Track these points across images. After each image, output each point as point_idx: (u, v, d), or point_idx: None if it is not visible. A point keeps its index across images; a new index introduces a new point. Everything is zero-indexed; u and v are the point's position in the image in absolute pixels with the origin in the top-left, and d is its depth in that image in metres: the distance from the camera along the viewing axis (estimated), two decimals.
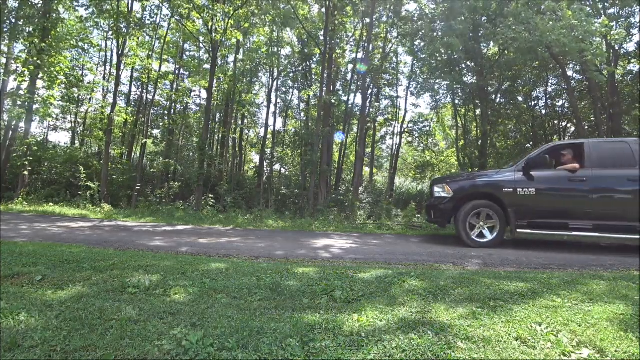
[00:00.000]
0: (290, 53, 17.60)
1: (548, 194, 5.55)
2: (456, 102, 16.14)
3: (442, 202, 5.94)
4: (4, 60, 10.74)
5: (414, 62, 16.69)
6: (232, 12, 11.19)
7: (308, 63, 17.18)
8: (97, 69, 17.47)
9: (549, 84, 15.63)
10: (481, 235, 5.74)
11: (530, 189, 5.51)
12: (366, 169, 18.95)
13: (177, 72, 17.69)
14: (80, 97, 16.17)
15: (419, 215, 9.89)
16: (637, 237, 5.21)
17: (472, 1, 10.57)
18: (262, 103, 19.10)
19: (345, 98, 16.67)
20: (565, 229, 5.42)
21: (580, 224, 5.37)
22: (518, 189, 5.55)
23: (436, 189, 6.18)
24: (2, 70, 10.62)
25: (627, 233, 5.26)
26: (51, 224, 6.34)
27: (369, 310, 2.34)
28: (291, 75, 18.13)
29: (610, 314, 2.40)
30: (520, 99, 15.85)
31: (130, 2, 12.16)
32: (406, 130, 18.69)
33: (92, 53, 16.61)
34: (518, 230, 5.53)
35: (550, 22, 8.00)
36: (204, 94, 17.48)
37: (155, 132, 18.16)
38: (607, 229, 5.30)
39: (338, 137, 16.94)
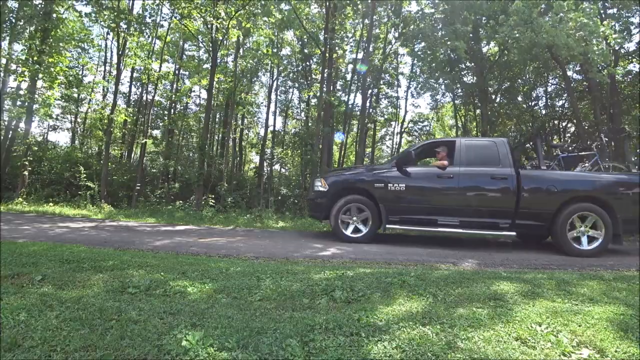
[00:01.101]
0: (290, 53, 17.61)
1: (417, 190, 5.58)
2: (456, 102, 16.14)
3: (318, 197, 5.93)
4: (3, 61, 10.73)
5: (414, 61, 16.69)
6: (234, 13, 11.19)
7: (308, 63, 17.18)
8: (97, 69, 17.48)
9: (549, 84, 15.63)
10: (357, 230, 5.73)
11: (400, 185, 5.54)
12: None
13: (177, 72, 17.69)
14: (80, 97, 16.17)
15: None
16: (503, 233, 5.34)
17: (473, 0, 10.54)
18: (262, 103, 19.12)
19: (345, 98, 16.67)
20: (434, 225, 5.46)
21: (448, 220, 5.42)
22: (389, 185, 5.57)
23: (316, 182, 6.15)
24: (2, 70, 10.61)
25: (492, 230, 5.36)
26: (53, 224, 6.34)
27: (369, 310, 2.34)
28: (291, 75, 18.13)
29: (610, 314, 2.40)
30: (520, 99, 15.85)
31: (130, 2, 12.17)
32: (406, 130, 18.70)
33: (92, 53, 16.63)
34: (387, 225, 5.53)
35: (556, 24, 7.95)
36: (204, 94, 17.50)
37: (155, 132, 18.17)
38: (473, 225, 5.38)
39: (338, 137, 16.94)
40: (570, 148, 7.68)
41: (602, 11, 10.83)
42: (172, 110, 17.82)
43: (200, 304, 2.38)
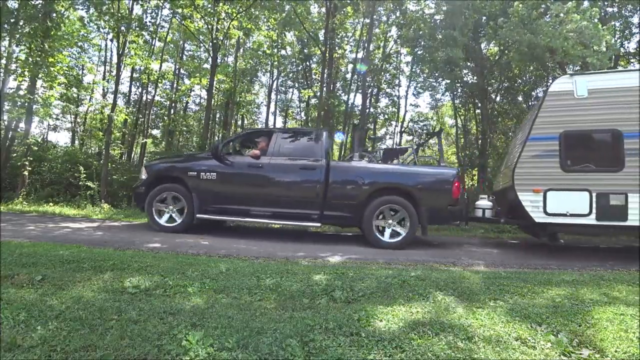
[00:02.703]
0: (290, 53, 17.61)
1: (228, 180, 5.49)
2: (456, 102, 16.13)
3: (139, 186, 5.85)
4: (4, 61, 10.73)
5: (414, 60, 16.68)
6: (235, 15, 11.19)
7: (308, 63, 17.18)
8: (96, 69, 17.48)
9: (549, 84, 15.59)
10: (173, 220, 5.62)
11: (212, 174, 5.45)
12: None
13: (177, 71, 17.70)
14: (80, 97, 16.17)
15: None
16: (310, 224, 5.37)
17: (473, 0, 10.53)
18: (262, 103, 19.12)
19: (345, 98, 16.67)
20: (247, 215, 5.41)
21: (260, 210, 5.37)
22: (202, 174, 5.46)
23: (142, 171, 6.07)
24: (2, 70, 10.61)
25: (305, 221, 5.34)
26: (54, 224, 6.34)
27: (369, 310, 2.34)
28: (291, 75, 18.12)
29: (610, 314, 2.40)
30: (520, 98, 15.83)
31: (130, 3, 12.16)
32: (406, 129, 18.69)
33: (91, 53, 16.62)
34: (197, 215, 5.43)
35: (557, 25, 7.92)
36: (204, 94, 17.50)
37: (155, 132, 18.16)
38: (285, 216, 5.36)
39: (338, 137, 16.93)
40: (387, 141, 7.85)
41: (602, 11, 10.82)
42: (172, 110, 17.82)
43: (200, 304, 2.38)
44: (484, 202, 5.88)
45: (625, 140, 4.66)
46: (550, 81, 6.53)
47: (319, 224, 5.40)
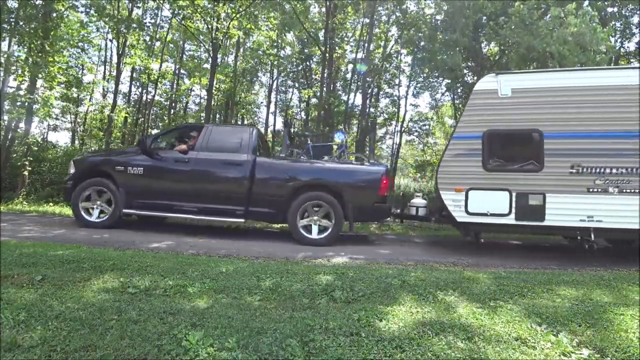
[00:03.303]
0: (290, 53, 17.61)
1: (154, 174, 5.42)
2: (456, 102, 16.12)
3: (67, 180, 5.77)
4: (3, 58, 10.72)
5: (414, 61, 16.68)
6: (235, 15, 11.20)
7: (308, 63, 17.16)
8: (96, 69, 17.47)
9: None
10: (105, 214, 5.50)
11: (139, 168, 5.39)
12: None
13: (177, 71, 17.69)
14: (80, 97, 16.17)
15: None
16: (234, 220, 5.37)
17: (474, 0, 10.51)
18: (262, 103, 19.12)
19: (345, 98, 16.66)
20: (172, 210, 5.37)
21: (185, 206, 5.33)
22: (129, 168, 5.40)
23: (71, 164, 5.94)
24: (2, 70, 10.61)
25: (230, 217, 5.33)
26: (55, 224, 6.34)
27: (369, 310, 2.34)
28: (291, 75, 18.12)
29: (611, 314, 2.40)
30: None
31: (130, 5, 12.17)
32: (405, 129, 18.68)
33: (91, 53, 16.59)
34: (124, 210, 5.37)
35: (557, 27, 7.91)
36: (204, 94, 17.50)
37: (155, 132, 18.15)
38: (210, 212, 5.32)
39: (338, 137, 16.92)
40: (317, 137, 7.84)
41: (602, 11, 10.81)
42: (172, 110, 17.82)
43: (200, 304, 2.39)
44: (417, 201, 5.93)
45: (546, 141, 4.64)
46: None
47: (243, 220, 5.35)
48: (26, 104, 10.74)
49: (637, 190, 4.43)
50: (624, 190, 4.47)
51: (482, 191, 4.78)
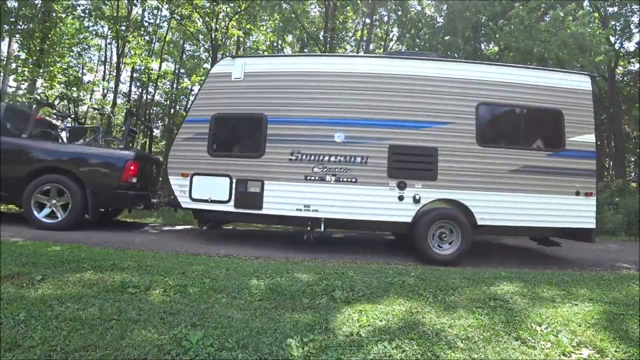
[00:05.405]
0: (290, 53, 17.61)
1: None
2: None
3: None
4: (3, 57, 10.73)
5: None
6: (234, 15, 11.20)
7: None
8: (96, 69, 17.47)
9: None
10: None
11: None
12: None
13: (177, 71, 17.70)
14: (80, 96, 16.16)
15: None
16: None
17: (474, 0, 10.51)
18: None
19: None
20: None
21: None
22: None
23: None
24: (2, 70, 10.61)
25: None
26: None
27: (369, 310, 2.34)
28: None
29: (611, 314, 2.40)
30: None
31: (129, 6, 12.16)
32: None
33: (91, 52, 16.60)
34: None
35: (556, 29, 7.90)
36: None
37: (155, 132, 18.15)
38: None
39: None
40: (70, 119, 7.58)
41: (602, 12, 10.80)
42: (172, 110, 17.82)
43: (200, 304, 2.38)
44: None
45: (269, 126, 4.59)
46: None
47: None
48: (26, 103, 10.75)
49: (354, 180, 4.41)
50: (341, 180, 4.44)
51: (205, 177, 4.70)
